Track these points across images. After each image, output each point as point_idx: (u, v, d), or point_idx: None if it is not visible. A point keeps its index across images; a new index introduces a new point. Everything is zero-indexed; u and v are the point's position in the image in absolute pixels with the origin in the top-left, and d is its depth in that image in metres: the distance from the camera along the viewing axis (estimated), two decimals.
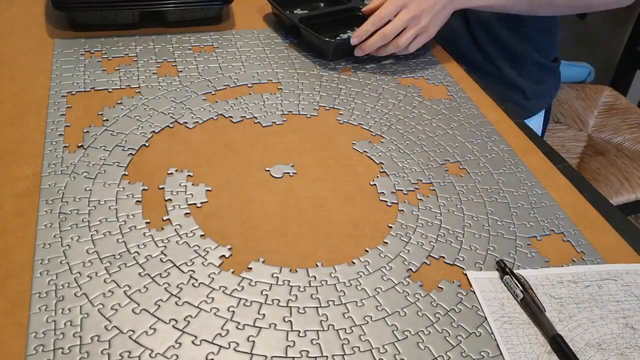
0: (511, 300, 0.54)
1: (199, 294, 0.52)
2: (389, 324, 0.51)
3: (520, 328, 0.51)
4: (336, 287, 0.53)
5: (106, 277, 0.52)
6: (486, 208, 0.64)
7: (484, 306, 0.53)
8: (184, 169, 0.64)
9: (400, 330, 0.50)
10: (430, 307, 0.53)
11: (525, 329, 0.51)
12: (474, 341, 0.50)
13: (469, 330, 0.51)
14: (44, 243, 0.54)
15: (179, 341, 0.48)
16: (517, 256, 0.58)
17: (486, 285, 0.55)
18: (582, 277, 0.57)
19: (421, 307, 0.53)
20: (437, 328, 0.51)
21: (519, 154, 0.72)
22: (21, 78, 0.76)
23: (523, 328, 0.51)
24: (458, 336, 0.50)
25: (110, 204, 0.59)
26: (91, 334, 0.47)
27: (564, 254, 0.59)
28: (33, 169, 0.62)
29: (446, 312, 0.52)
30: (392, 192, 0.65)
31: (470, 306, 0.53)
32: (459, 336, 0.50)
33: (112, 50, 0.83)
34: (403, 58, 0.89)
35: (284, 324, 0.50)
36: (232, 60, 0.84)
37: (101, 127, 0.69)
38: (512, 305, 0.53)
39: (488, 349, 0.50)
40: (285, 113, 0.75)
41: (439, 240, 0.59)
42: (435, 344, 0.50)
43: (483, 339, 0.50)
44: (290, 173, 0.66)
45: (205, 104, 0.75)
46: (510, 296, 0.54)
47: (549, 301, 0.54)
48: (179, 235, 0.57)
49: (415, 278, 0.55)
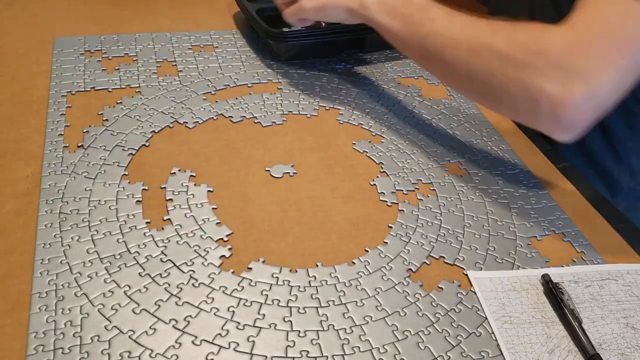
0: (512, 300, 0.54)
1: (199, 294, 0.52)
2: (389, 324, 0.51)
3: (521, 328, 0.51)
4: (336, 287, 0.54)
5: (106, 277, 0.52)
6: (486, 208, 0.64)
7: (484, 306, 0.53)
8: (187, 169, 0.64)
9: (400, 330, 0.50)
10: (430, 307, 0.53)
11: (525, 328, 0.51)
12: (474, 341, 0.50)
13: (469, 330, 0.51)
14: (44, 243, 0.54)
15: (179, 341, 0.48)
16: (517, 256, 0.58)
17: (487, 284, 0.55)
18: (583, 277, 0.57)
19: (421, 307, 0.53)
20: (437, 328, 0.51)
21: (519, 154, 0.72)
22: (21, 78, 0.76)
23: (524, 328, 0.51)
24: (458, 336, 0.50)
25: (111, 203, 0.59)
26: (91, 334, 0.47)
27: (564, 254, 0.59)
28: (33, 169, 0.62)
29: (446, 312, 0.52)
30: (392, 192, 0.65)
31: (470, 306, 0.53)
32: (459, 336, 0.50)
33: (112, 49, 0.83)
34: (403, 57, 0.89)
35: (284, 324, 0.50)
36: (232, 60, 0.84)
37: (101, 126, 0.69)
38: (513, 305, 0.53)
39: (488, 349, 0.50)
40: (285, 113, 0.75)
41: (439, 240, 0.59)
42: (435, 344, 0.50)
43: (483, 338, 0.50)
44: (290, 173, 0.66)
45: (205, 103, 0.75)
46: (511, 296, 0.54)
47: (551, 301, 0.54)
48: (179, 235, 0.57)
49: (415, 278, 0.55)
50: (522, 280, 0.56)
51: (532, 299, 0.54)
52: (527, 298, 0.54)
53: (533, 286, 0.55)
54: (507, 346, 0.50)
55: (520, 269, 0.57)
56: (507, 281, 0.55)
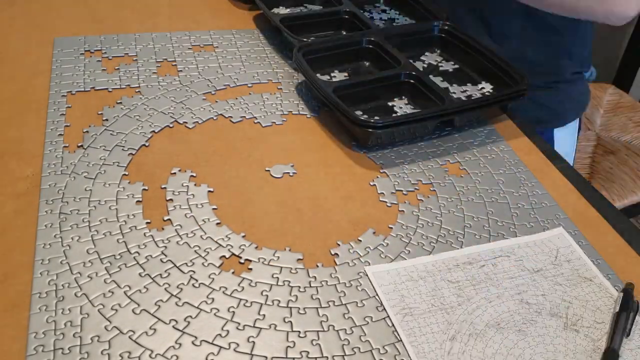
0: (411, 290, 0.53)
1: (199, 294, 0.52)
2: (389, 324, 0.51)
3: (422, 318, 0.51)
4: (336, 287, 0.53)
5: (106, 277, 0.52)
6: (486, 208, 0.64)
7: (383, 300, 0.52)
8: (187, 169, 0.64)
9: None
10: None
11: (426, 318, 0.51)
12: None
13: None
14: (44, 243, 0.54)
15: (179, 342, 0.48)
16: None
17: (385, 278, 0.54)
18: (477, 257, 0.57)
19: None
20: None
21: (519, 154, 0.72)
22: (21, 78, 0.76)
23: (424, 317, 0.51)
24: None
25: (111, 204, 0.59)
26: (91, 334, 0.47)
27: None
28: (33, 169, 0.62)
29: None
30: (392, 193, 0.65)
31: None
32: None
33: (112, 49, 0.83)
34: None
35: (284, 325, 0.50)
36: (232, 60, 0.84)
37: (101, 126, 0.69)
38: (412, 296, 0.53)
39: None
40: (285, 113, 0.75)
41: (439, 241, 0.59)
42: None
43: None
44: (290, 173, 0.66)
45: (205, 103, 0.75)
46: (409, 286, 0.53)
47: (447, 286, 0.54)
48: (179, 236, 0.57)
49: None
50: (418, 269, 0.55)
51: (429, 286, 0.54)
52: (425, 286, 0.54)
53: (429, 273, 0.55)
54: (410, 339, 0.49)
55: (416, 257, 0.57)
56: (404, 271, 0.55)
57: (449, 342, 0.49)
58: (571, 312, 0.53)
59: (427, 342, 0.49)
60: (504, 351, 0.49)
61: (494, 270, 0.56)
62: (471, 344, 0.49)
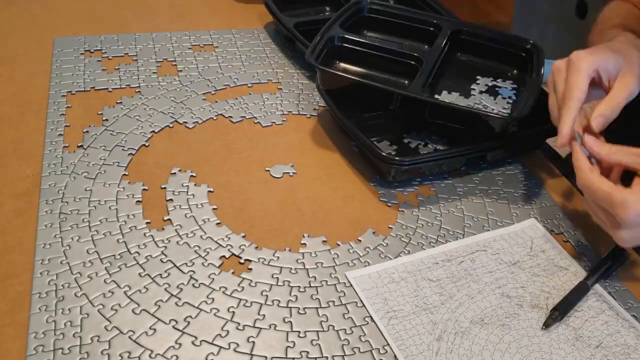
0: (394, 292, 0.53)
1: (199, 294, 0.52)
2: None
3: (407, 320, 0.51)
4: (336, 287, 0.54)
5: (106, 277, 0.52)
6: (486, 208, 0.64)
7: (367, 305, 0.52)
8: (187, 169, 0.64)
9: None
10: None
11: (411, 320, 0.51)
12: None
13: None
14: (44, 243, 0.54)
15: (179, 342, 0.48)
16: None
17: (367, 282, 0.54)
18: (455, 253, 0.57)
19: None
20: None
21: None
22: (21, 78, 0.76)
23: (409, 320, 0.51)
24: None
25: (111, 204, 0.59)
26: (91, 335, 0.47)
27: None
28: (33, 169, 0.62)
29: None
30: (392, 193, 0.65)
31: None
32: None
33: (112, 49, 0.83)
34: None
35: (284, 325, 0.50)
36: (232, 60, 0.84)
37: (101, 126, 0.69)
38: (395, 298, 0.52)
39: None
40: (285, 113, 0.75)
41: (439, 241, 0.59)
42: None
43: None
44: (290, 173, 0.66)
45: (205, 103, 0.75)
46: (391, 288, 0.53)
47: (429, 285, 0.54)
48: (179, 236, 0.57)
49: None
50: (398, 270, 0.55)
51: (411, 287, 0.54)
52: (407, 287, 0.54)
53: (410, 273, 0.55)
54: (397, 343, 0.49)
55: (394, 259, 0.56)
56: (385, 273, 0.55)
57: (436, 343, 0.49)
58: (551, 302, 0.53)
59: (414, 345, 0.49)
60: (490, 347, 0.49)
61: (472, 265, 0.56)
62: (457, 342, 0.49)
